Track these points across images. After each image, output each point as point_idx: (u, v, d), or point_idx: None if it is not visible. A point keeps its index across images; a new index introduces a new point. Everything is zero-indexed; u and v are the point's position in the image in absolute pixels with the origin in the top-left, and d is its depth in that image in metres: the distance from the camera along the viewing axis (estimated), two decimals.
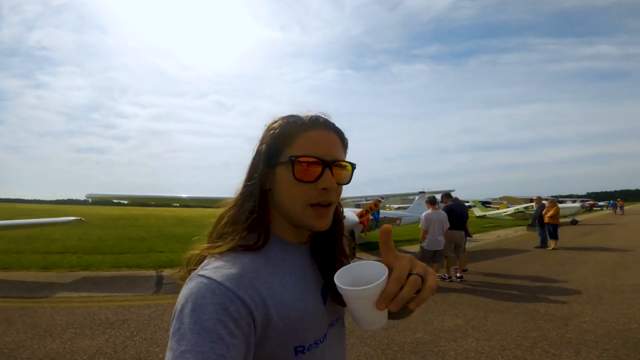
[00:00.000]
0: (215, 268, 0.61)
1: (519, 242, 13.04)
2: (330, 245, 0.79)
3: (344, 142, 0.76)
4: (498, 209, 25.16)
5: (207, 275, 0.59)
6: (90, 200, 11.07)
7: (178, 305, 0.56)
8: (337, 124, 0.75)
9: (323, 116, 0.75)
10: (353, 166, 0.75)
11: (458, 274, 7.05)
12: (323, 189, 0.68)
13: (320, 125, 0.72)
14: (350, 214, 7.35)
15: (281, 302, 0.62)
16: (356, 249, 7.52)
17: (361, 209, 7.58)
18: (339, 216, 0.82)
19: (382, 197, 8.58)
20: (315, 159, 0.68)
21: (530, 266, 8.23)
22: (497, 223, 21.63)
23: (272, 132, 0.72)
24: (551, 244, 11.13)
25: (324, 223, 0.71)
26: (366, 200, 12.10)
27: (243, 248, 0.66)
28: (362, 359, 3.43)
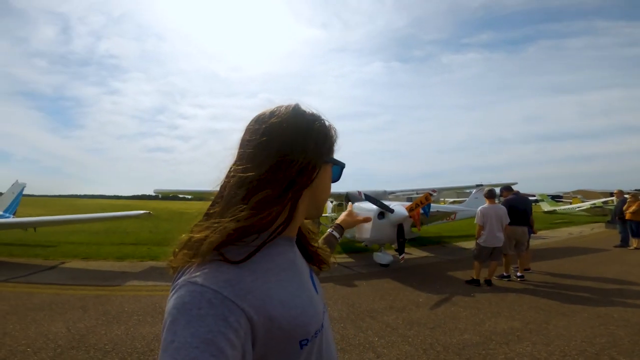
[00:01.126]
0: (207, 274, 0.56)
1: (595, 241, 11.71)
2: (304, 230, 0.86)
3: None
4: (571, 203, 22.84)
5: (200, 282, 0.55)
6: (160, 195, 12.12)
7: (169, 317, 0.52)
8: (384, 118, 0.77)
9: None
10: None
11: (518, 273, 6.54)
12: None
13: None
14: (399, 207, 7.14)
15: (281, 302, 0.61)
16: (405, 243, 7.30)
17: (411, 203, 7.33)
18: None
19: (434, 191, 8.21)
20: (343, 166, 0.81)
21: (608, 267, 7.38)
22: (569, 219, 19.65)
23: (331, 134, 0.77)
24: (633, 242, 9.96)
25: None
26: (417, 194, 11.69)
27: (240, 257, 0.61)
28: (402, 357, 3.33)
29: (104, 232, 13.55)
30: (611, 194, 16.32)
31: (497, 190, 7.50)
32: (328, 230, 1.34)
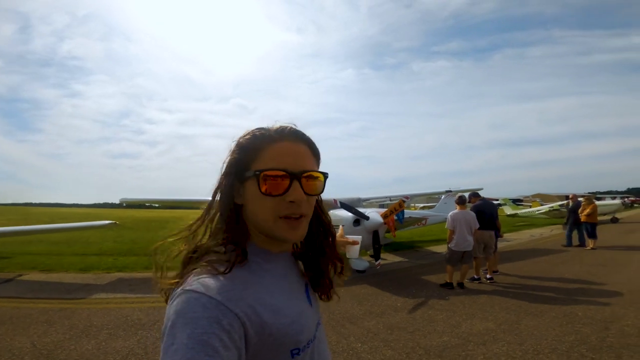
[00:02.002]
0: (201, 283, 0.60)
1: (555, 242, 12.42)
2: (318, 253, 0.84)
3: (314, 152, 0.76)
4: (531, 207, 24.12)
5: (196, 289, 0.59)
6: (124, 204, 11.61)
7: (168, 322, 0.56)
8: (358, 124, 0.76)
9: (291, 126, 0.74)
10: (325, 175, 0.75)
11: (488, 275, 6.81)
12: (291, 201, 0.68)
13: (287, 137, 0.71)
14: (374, 214, 7.26)
15: (272, 310, 0.64)
16: (381, 249, 7.42)
17: (385, 210, 7.47)
18: (326, 225, 0.86)
19: (407, 197, 8.42)
20: (281, 172, 0.68)
21: (569, 267, 7.83)
22: (530, 222, 20.74)
23: (238, 147, 0.73)
24: (590, 243, 10.59)
25: (296, 234, 0.71)
26: (390, 201, 11.93)
27: (224, 268, 0.65)
28: None
29: (64, 242, 12.77)
30: (567, 197, 17.42)
31: (466, 196, 7.81)
32: None
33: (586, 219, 10.77)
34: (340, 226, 1.80)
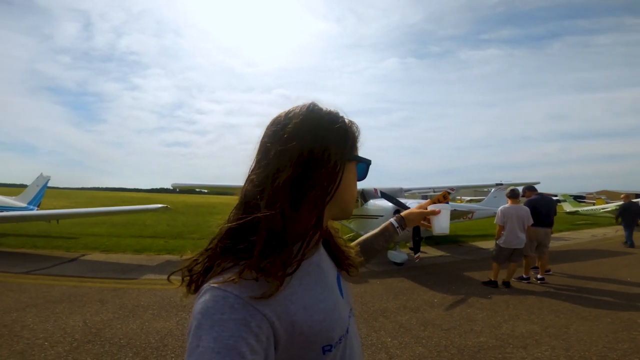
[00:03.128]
0: (230, 278, 0.57)
1: (620, 243, 11.29)
2: (332, 234, 0.84)
3: None
4: (594, 204, 22.06)
5: (223, 287, 0.56)
6: (177, 189, 12.34)
7: (194, 321, 0.54)
8: (400, 114, 0.69)
9: None
10: None
11: (539, 275, 6.35)
12: None
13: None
14: (416, 206, 7.05)
15: (304, 307, 0.61)
16: (421, 242, 7.19)
17: (427, 201, 7.21)
18: None
19: (452, 189, 8.05)
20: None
21: (632, 271, 7.09)
22: (592, 221, 19.00)
23: (355, 131, 0.74)
24: None
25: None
26: (434, 192, 11.50)
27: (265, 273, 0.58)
28: (415, 359, 3.28)
29: (123, 224, 13.89)
30: (636, 195, 15.73)
31: (519, 189, 7.29)
32: (389, 220, 1.19)
33: None
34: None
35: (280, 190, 0.62)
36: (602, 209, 19.67)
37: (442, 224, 1.17)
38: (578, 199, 23.66)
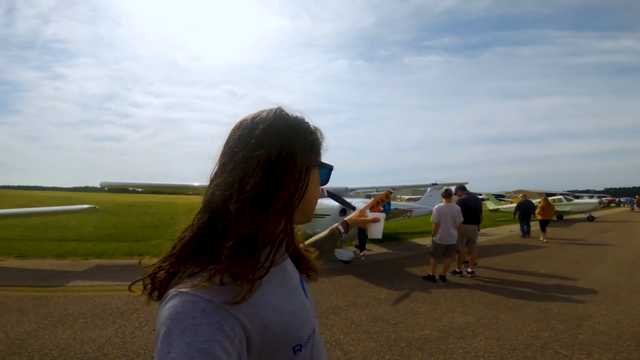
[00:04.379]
0: (200, 283, 0.55)
1: (532, 238, 12.79)
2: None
3: None
4: (512, 202, 24.69)
5: (193, 292, 0.54)
6: (105, 188, 11.30)
7: (162, 327, 0.51)
8: (347, 115, 0.72)
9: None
10: None
11: (469, 269, 6.94)
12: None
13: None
14: (361, 204, 7.27)
15: (274, 309, 0.61)
16: (366, 240, 7.46)
17: (372, 200, 7.49)
18: None
19: (394, 189, 8.47)
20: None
21: (545, 263, 8.06)
22: (510, 217, 21.25)
23: (318, 136, 0.74)
24: (541, 237, 12.13)
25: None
26: (377, 192, 11.99)
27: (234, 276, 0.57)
28: (369, 354, 3.39)
29: (41, 227, 12.40)
30: (547, 194, 17.91)
31: (452, 189, 7.90)
32: (335, 224, 1.28)
33: (540, 216, 12.43)
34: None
35: (249, 195, 0.62)
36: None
37: (377, 231, 1.32)
38: (499, 197, 26.28)
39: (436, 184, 13.10)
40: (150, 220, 18.36)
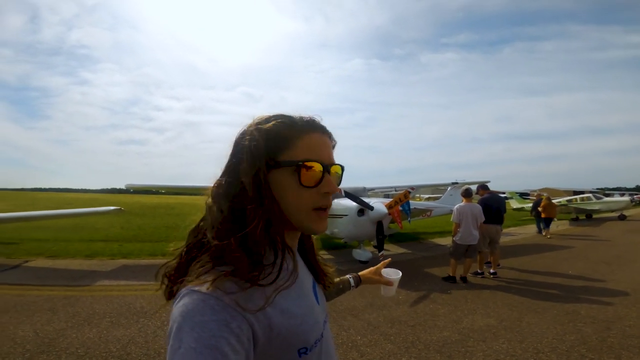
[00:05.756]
0: (209, 281, 0.57)
1: (560, 238, 12.32)
2: (308, 243, 0.87)
3: (333, 145, 0.76)
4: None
5: (202, 290, 0.56)
6: (131, 190, 11.70)
7: (174, 324, 0.54)
8: (363, 114, 0.70)
9: (317, 119, 0.74)
10: (342, 168, 0.75)
11: (491, 270, 6.76)
12: (325, 193, 0.69)
13: (317, 129, 0.72)
14: (379, 204, 7.22)
15: (281, 310, 0.62)
16: (385, 240, 7.40)
17: (390, 200, 7.42)
18: None
19: (413, 188, 8.36)
20: (317, 163, 0.67)
21: (573, 264, 7.76)
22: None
23: (265, 132, 0.68)
24: (545, 233, 12.70)
25: (324, 226, 0.71)
26: (395, 191, 11.87)
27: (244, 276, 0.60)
28: (386, 356, 3.37)
29: (71, 228, 12.93)
30: (575, 193, 17.28)
31: (473, 188, 7.72)
32: (347, 276, 1.25)
33: (543, 214, 12.89)
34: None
35: (230, 205, 0.66)
36: None
37: (390, 292, 1.25)
38: (523, 196, 25.46)
39: (457, 183, 12.84)
40: (174, 221, 18.84)
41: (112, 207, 9.07)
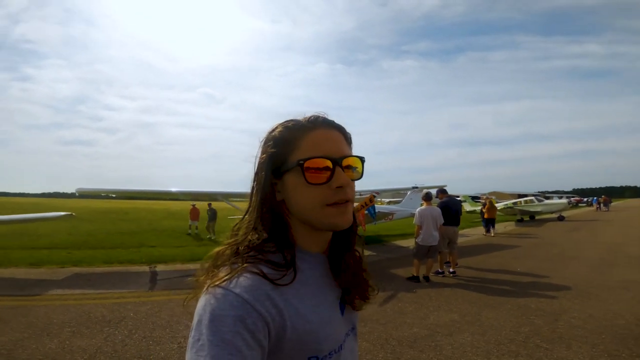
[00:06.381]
0: (231, 279, 0.60)
1: (508, 238, 13.29)
2: (345, 248, 0.78)
3: (347, 138, 0.75)
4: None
5: (224, 286, 0.59)
6: (77, 194, 10.93)
7: (196, 317, 0.57)
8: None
9: (322, 115, 0.73)
10: (362, 160, 0.73)
11: (451, 269, 7.16)
12: (338, 187, 0.66)
13: (321, 125, 0.71)
14: None
15: (296, 314, 0.62)
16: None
17: (356, 204, 7.62)
18: (354, 217, 0.79)
19: (377, 192, 8.63)
20: (324, 159, 0.66)
21: (521, 262, 8.41)
22: None
23: (272, 141, 0.70)
24: (491, 232, 14.43)
25: (345, 219, 0.68)
26: (360, 195, 12.15)
27: (264, 276, 0.62)
28: (362, 354, 3.47)
29: (10, 235, 11.85)
30: (519, 196, 18.72)
31: (433, 191, 8.14)
32: None
33: (486, 215, 14.64)
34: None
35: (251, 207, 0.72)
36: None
37: None
38: (475, 199, 27.09)
39: (417, 187, 13.41)
40: (128, 226, 17.86)
41: (62, 213, 8.47)
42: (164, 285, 6.35)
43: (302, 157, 0.66)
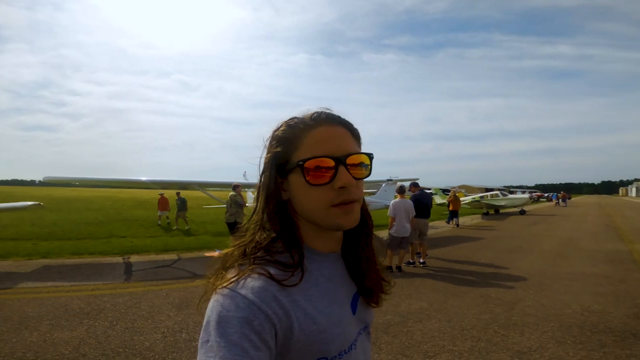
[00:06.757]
0: (239, 280, 0.60)
1: (474, 230, 14.02)
2: (359, 247, 0.76)
3: (354, 134, 0.70)
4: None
5: (231, 288, 0.59)
6: (37, 181, 10.44)
7: (206, 318, 0.58)
8: (306, 109, 0.71)
9: (326, 111, 0.70)
10: (370, 156, 0.69)
11: (421, 260, 7.56)
12: (341, 187, 0.63)
13: (324, 121, 0.67)
14: None
15: (304, 315, 0.61)
16: None
17: None
18: (367, 214, 0.78)
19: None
20: (326, 158, 0.63)
21: (484, 253, 8.97)
22: None
23: (275, 140, 0.68)
24: (452, 223, 15.59)
25: (351, 219, 0.65)
26: None
27: (271, 277, 0.61)
28: None
29: None
30: (486, 190, 19.79)
31: (406, 185, 8.50)
32: None
33: (451, 207, 15.53)
34: None
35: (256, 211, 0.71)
36: (463, 200, 23.89)
37: None
38: (445, 192, 28.11)
39: (391, 180, 13.83)
40: (95, 216, 17.29)
41: (29, 203, 8.17)
42: (140, 276, 6.33)
43: (303, 157, 0.64)
